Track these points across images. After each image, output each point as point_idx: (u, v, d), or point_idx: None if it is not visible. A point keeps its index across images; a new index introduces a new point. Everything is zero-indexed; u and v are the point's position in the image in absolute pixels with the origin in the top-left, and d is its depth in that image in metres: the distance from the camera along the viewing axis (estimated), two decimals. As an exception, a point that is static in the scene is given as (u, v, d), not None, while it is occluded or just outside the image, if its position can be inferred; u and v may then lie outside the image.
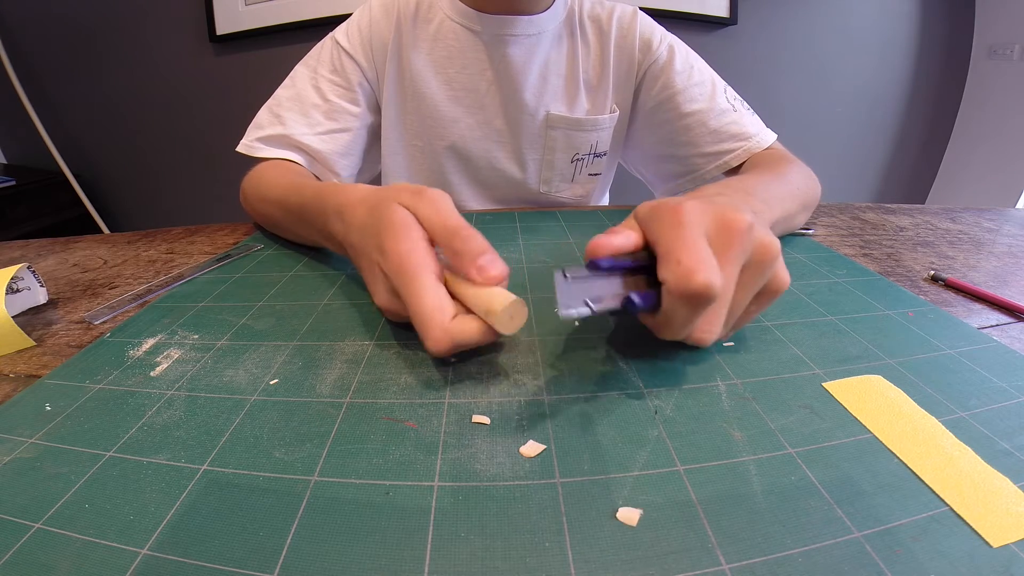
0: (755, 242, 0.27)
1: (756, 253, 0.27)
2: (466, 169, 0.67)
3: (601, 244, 0.27)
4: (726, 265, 0.26)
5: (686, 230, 0.26)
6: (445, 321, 0.27)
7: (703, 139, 0.60)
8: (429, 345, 0.27)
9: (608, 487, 0.21)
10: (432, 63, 0.62)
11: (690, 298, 0.24)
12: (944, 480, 0.21)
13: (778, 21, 1.56)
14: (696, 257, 0.24)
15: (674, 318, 0.26)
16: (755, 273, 0.27)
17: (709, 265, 0.24)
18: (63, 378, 0.29)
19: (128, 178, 1.69)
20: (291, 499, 0.21)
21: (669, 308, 0.26)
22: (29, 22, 1.46)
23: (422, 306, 0.27)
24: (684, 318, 0.25)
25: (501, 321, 0.26)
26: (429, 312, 0.27)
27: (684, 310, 0.25)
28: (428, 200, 0.31)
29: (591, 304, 0.25)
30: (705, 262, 0.24)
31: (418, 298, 0.27)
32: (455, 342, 0.27)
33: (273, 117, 0.58)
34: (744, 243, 0.26)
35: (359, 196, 0.34)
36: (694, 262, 0.24)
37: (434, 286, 0.28)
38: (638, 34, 0.62)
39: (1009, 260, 0.47)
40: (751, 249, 0.27)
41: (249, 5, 1.41)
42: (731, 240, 0.26)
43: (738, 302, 0.27)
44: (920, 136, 1.82)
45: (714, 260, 0.25)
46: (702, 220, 0.26)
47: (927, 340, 0.32)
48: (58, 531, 0.19)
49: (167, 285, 0.41)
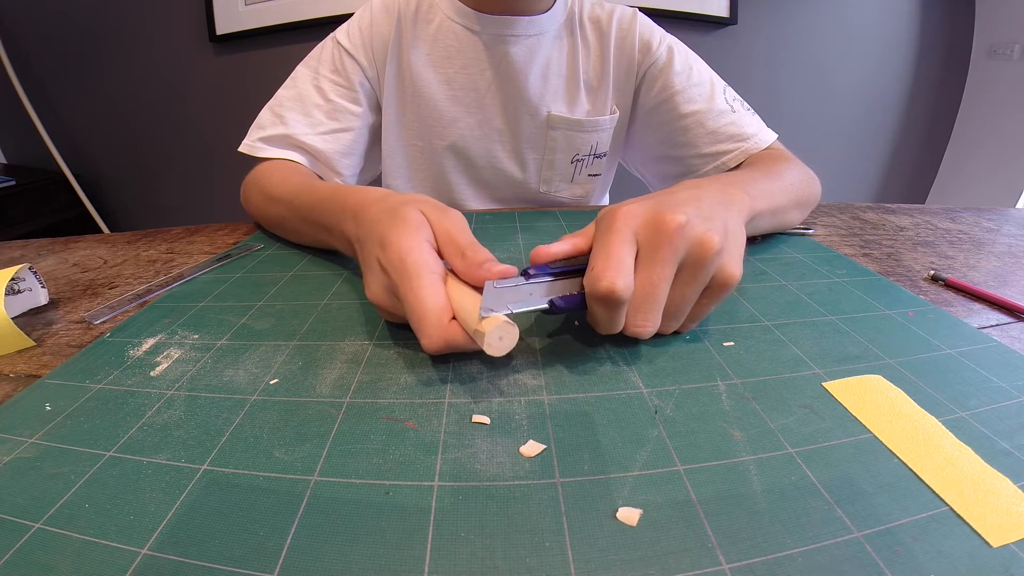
0: (690, 240, 0.28)
1: (692, 250, 0.28)
2: (466, 169, 0.67)
3: (539, 253, 0.31)
4: (654, 266, 0.28)
5: (611, 235, 0.28)
6: (442, 319, 0.27)
7: (701, 140, 0.60)
8: (424, 342, 0.27)
9: (608, 487, 0.21)
10: (432, 63, 0.62)
11: (599, 300, 0.27)
12: (944, 480, 0.21)
13: (778, 21, 1.56)
14: (605, 263, 0.27)
15: (596, 317, 0.29)
16: (694, 270, 0.29)
17: (616, 270, 0.27)
18: (63, 378, 0.29)
19: (128, 178, 1.69)
20: (291, 499, 0.21)
21: (590, 308, 0.29)
22: (29, 22, 1.46)
23: (421, 303, 0.27)
24: (605, 317, 0.28)
25: (490, 341, 0.25)
26: (427, 309, 0.27)
27: (601, 310, 0.28)
28: (448, 216, 0.32)
29: (511, 307, 0.27)
30: (614, 268, 0.27)
31: (417, 295, 0.27)
32: (449, 342, 0.27)
33: (275, 117, 0.58)
34: (675, 242, 0.28)
35: (378, 196, 0.35)
36: (602, 268, 0.27)
37: (434, 284, 0.28)
38: (638, 35, 0.62)
39: (1009, 260, 0.47)
40: (685, 247, 0.28)
41: (249, 5, 1.41)
42: (659, 240, 0.28)
43: (683, 297, 0.29)
44: (920, 136, 1.82)
45: (625, 264, 0.27)
46: (632, 223, 0.29)
47: (927, 340, 0.32)
48: (58, 531, 0.19)
49: (167, 285, 0.41)
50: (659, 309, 0.29)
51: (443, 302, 0.27)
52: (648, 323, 0.29)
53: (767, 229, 0.47)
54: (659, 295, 0.28)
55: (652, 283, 0.28)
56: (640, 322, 0.29)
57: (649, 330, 0.29)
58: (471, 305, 0.27)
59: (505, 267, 0.29)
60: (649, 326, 0.29)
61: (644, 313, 0.28)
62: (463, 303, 0.28)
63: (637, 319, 0.29)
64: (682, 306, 0.30)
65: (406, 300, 0.28)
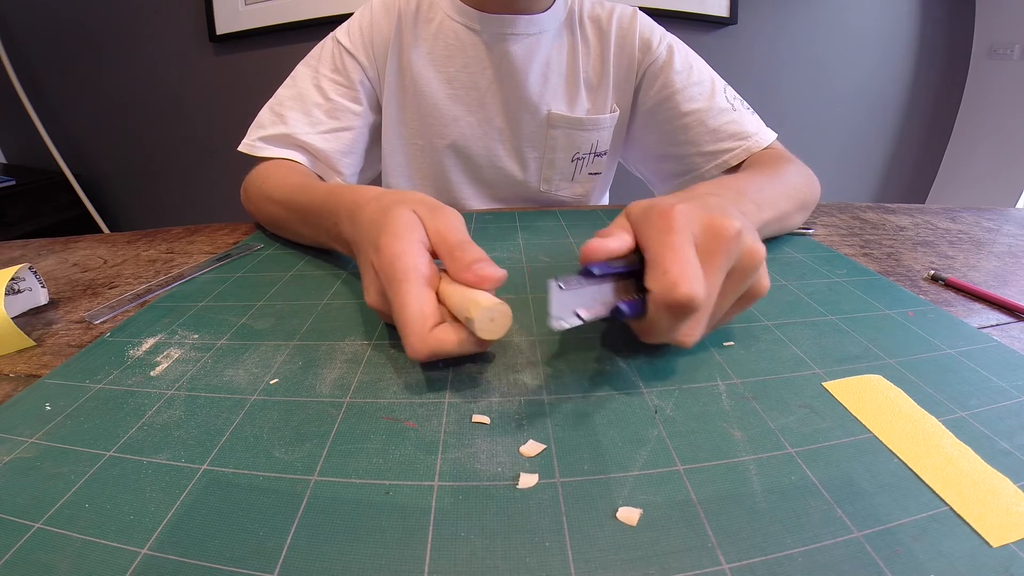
0: (742, 249, 0.27)
1: (742, 260, 0.27)
2: (466, 168, 0.67)
3: (596, 248, 0.27)
4: (712, 272, 0.26)
5: (674, 236, 0.26)
6: (424, 329, 0.26)
7: (702, 138, 0.60)
8: (407, 351, 0.27)
9: (608, 487, 0.21)
10: (432, 62, 0.62)
11: (674, 308, 0.25)
12: (944, 480, 0.21)
13: (778, 21, 1.56)
14: (681, 268, 0.25)
15: (658, 325, 0.27)
16: (739, 279, 0.28)
17: (694, 276, 0.25)
18: (63, 378, 0.29)
19: (128, 178, 1.69)
20: (291, 499, 0.21)
21: (654, 315, 0.26)
22: (29, 22, 1.46)
23: (405, 311, 0.27)
24: (668, 325, 0.26)
25: (482, 325, 0.25)
26: (410, 317, 0.26)
27: (668, 318, 0.26)
28: (441, 215, 0.31)
29: (580, 315, 0.25)
30: (690, 273, 0.25)
31: (402, 302, 0.27)
32: (432, 350, 0.26)
33: (275, 116, 0.58)
34: (731, 250, 0.27)
35: (373, 195, 0.35)
36: (679, 273, 0.25)
37: (419, 291, 0.27)
38: (638, 34, 0.62)
39: (1009, 260, 0.47)
40: (737, 256, 0.27)
41: (249, 5, 1.41)
42: (719, 247, 0.26)
43: (720, 306, 0.28)
44: (920, 136, 1.82)
45: (700, 270, 0.25)
46: (691, 225, 0.27)
47: (927, 340, 0.32)
48: (58, 531, 0.19)
49: (167, 285, 0.41)
50: (708, 317, 0.27)
51: (427, 309, 0.27)
52: (699, 333, 0.27)
53: (771, 235, 0.47)
54: (711, 303, 0.27)
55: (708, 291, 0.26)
56: (689, 331, 0.27)
57: (697, 340, 0.27)
58: (464, 296, 0.27)
59: (495, 269, 0.28)
60: (699, 336, 0.27)
61: (697, 322, 0.27)
62: (455, 295, 0.27)
63: (693, 328, 0.27)
64: (718, 314, 0.29)
65: (392, 306, 0.27)
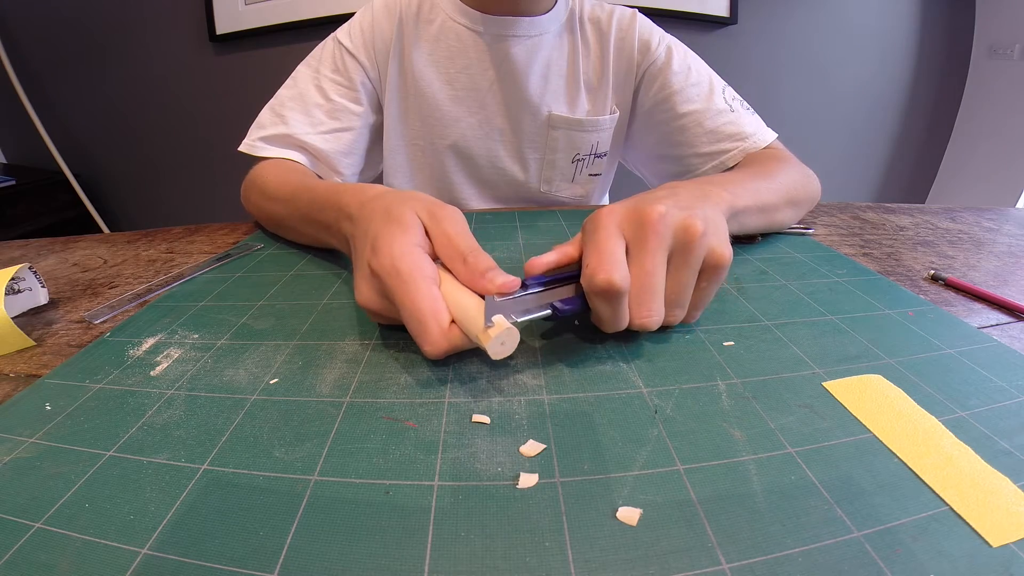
0: (673, 227, 0.29)
1: (679, 236, 0.29)
2: (467, 168, 0.67)
3: (533, 264, 0.31)
4: (645, 256, 0.29)
5: (598, 232, 0.29)
6: (443, 324, 0.27)
7: (699, 139, 0.60)
8: (426, 348, 0.27)
9: (608, 486, 0.21)
10: (433, 63, 0.62)
11: (600, 295, 0.27)
12: (944, 480, 0.21)
13: (778, 21, 1.56)
14: (599, 258, 0.27)
15: (600, 314, 0.29)
16: (685, 254, 0.29)
17: (609, 263, 0.27)
18: (63, 378, 0.29)
19: (128, 178, 1.69)
20: (291, 499, 0.21)
21: (592, 306, 0.29)
22: (29, 22, 1.46)
23: (419, 309, 0.27)
24: (608, 312, 0.29)
25: (493, 348, 0.26)
26: (427, 315, 0.26)
27: (603, 305, 0.28)
28: (444, 216, 0.31)
29: (514, 317, 0.27)
30: (606, 261, 0.27)
31: (413, 300, 0.27)
32: (453, 346, 0.27)
33: (275, 116, 0.58)
34: (659, 230, 0.29)
35: (374, 193, 0.35)
36: (596, 264, 0.27)
37: (429, 289, 0.27)
38: (637, 35, 0.62)
39: (1009, 260, 0.47)
40: (671, 235, 0.29)
41: (249, 5, 1.41)
42: (644, 231, 0.29)
43: (679, 283, 0.30)
44: (920, 136, 1.82)
45: (618, 257, 0.28)
46: (616, 220, 0.30)
47: (927, 339, 0.32)
48: (58, 531, 0.19)
49: (167, 285, 0.41)
50: (659, 297, 0.29)
51: (441, 306, 0.27)
52: (652, 312, 0.29)
53: (759, 227, 0.46)
54: (656, 283, 0.29)
55: (647, 272, 0.29)
56: (645, 312, 0.29)
57: (655, 319, 0.29)
58: (469, 306, 0.27)
59: (508, 278, 0.28)
60: (654, 315, 0.29)
61: (646, 303, 0.29)
62: (461, 304, 0.27)
63: (641, 310, 0.29)
64: (681, 292, 0.30)
65: (403, 306, 0.27)
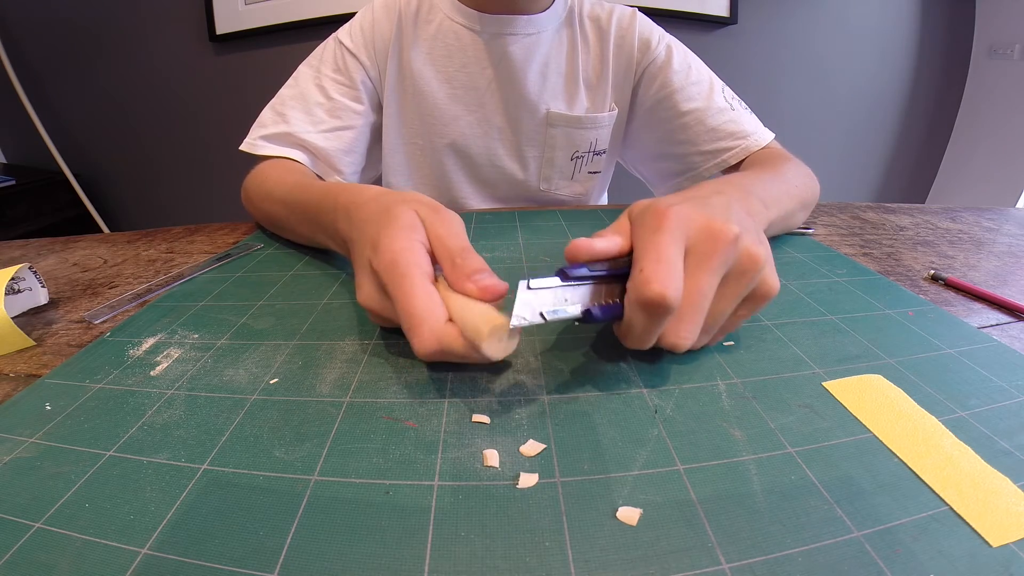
0: (740, 252, 0.27)
1: (740, 263, 0.27)
2: (466, 167, 0.67)
3: (580, 248, 0.27)
4: (704, 275, 0.26)
5: (662, 236, 0.26)
6: (437, 322, 0.25)
7: (701, 137, 0.60)
8: (415, 345, 0.26)
9: (608, 486, 0.21)
10: (432, 61, 0.62)
11: (645, 307, 0.24)
12: (944, 480, 0.21)
13: (778, 21, 1.56)
14: (657, 267, 0.24)
15: (633, 326, 0.26)
16: (739, 282, 0.27)
17: (668, 275, 0.24)
18: (63, 377, 0.29)
19: (128, 178, 1.68)
20: (291, 498, 0.21)
21: (628, 314, 0.26)
22: (29, 22, 1.46)
23: (412, 304, 0.26)
24: (642, 327, 0.26)
25: (490, 348, 0.24)
26: (419, 311, 0.26)
27: (642, 318, 0.25)
28: (441, 217, 0.30)
29: (544, 315, 0.25)
30: (666, 272, 0.24)
31: (408, 296, 0.26)
32: (443, 346, 0.25)
33: (276, 115, 0.58)
34: (727, 254, 0.26)
35: (371, 195, 0.34)
36: (653, 271, 0.24)
37: (426, 286, 0.27)
38: (637, 34, 0.62)
39: (1009, 260, 0.47)
40: (735, 259, 0.27)
41: (249, 5, 1.41)
42: (714, 250, 0.26)
43: (721, 310, 0.28)
44: (920, 136, 1.82)
45: (678, 270, 0.25)
46: (684, 226, 0.26)
47: (927, 339, 0.32)
48: (58, 531, 0.19)
49: (167, 284, 0.41)
50: (702, 320, 0.27)
51: (436, 302, 0.26)
52: (690, 334, 0.26)
53: (774, 233, 0.47)
54: (705, 305, 0.26)
55: (700, 292, 0.26)
56: (683, 333, 0.26)
57: (689, 342, 0.26)
58: (466, 309, 0.26)
59: (496, 280, 0.27)
60: (691, 337, 0.26)
61: (687, 323, 0.26)
62: (460, 304, 0.27)
63: (680, 329, 0.26)
64: (719, 318, 0.28)
65: (397, 301, 0.26)
